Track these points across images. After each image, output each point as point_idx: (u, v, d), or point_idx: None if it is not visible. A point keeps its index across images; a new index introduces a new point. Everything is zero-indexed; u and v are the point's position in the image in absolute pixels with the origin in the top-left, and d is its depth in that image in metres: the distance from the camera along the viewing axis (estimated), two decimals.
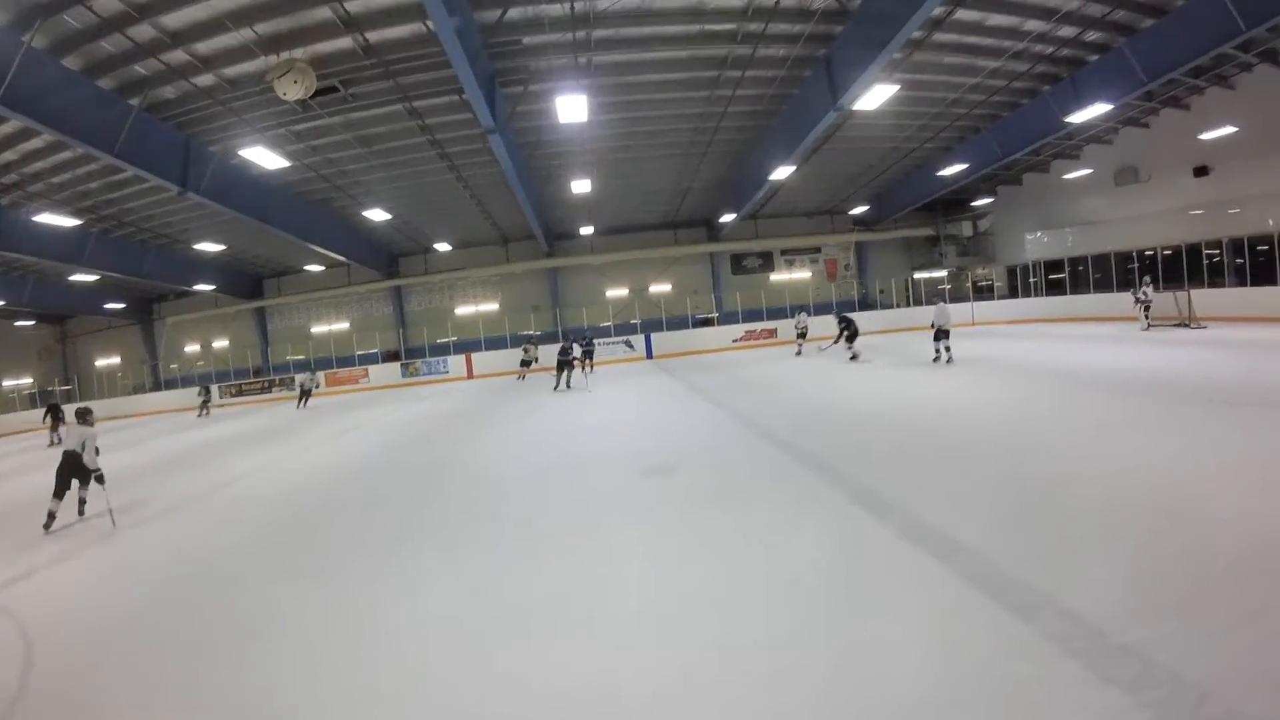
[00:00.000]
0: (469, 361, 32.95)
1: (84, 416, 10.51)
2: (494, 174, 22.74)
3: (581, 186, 23.15)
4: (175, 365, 39.35)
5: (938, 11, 15.46)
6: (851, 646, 4.45)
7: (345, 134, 19.23)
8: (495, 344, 34.52)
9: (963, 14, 16.58)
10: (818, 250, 40.10)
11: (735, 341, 33.00)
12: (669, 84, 18.78)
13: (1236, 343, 16.87)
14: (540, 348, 28.15)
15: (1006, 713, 3.68)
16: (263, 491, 11.10)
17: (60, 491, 9.85)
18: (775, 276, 39.61)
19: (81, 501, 10.21)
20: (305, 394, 26.90)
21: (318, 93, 15.25)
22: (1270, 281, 22.00)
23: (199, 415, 27.93)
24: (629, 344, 32.60)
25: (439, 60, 14.74)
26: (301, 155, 19.89)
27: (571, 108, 14.83)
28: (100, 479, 10.04)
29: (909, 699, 3.82)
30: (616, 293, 38.09)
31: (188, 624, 5.80)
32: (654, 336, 33.63)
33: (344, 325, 38.31)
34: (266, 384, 34.49)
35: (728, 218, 32.80)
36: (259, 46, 14.02)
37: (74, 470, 9.98)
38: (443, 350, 35.14)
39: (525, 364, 26.67)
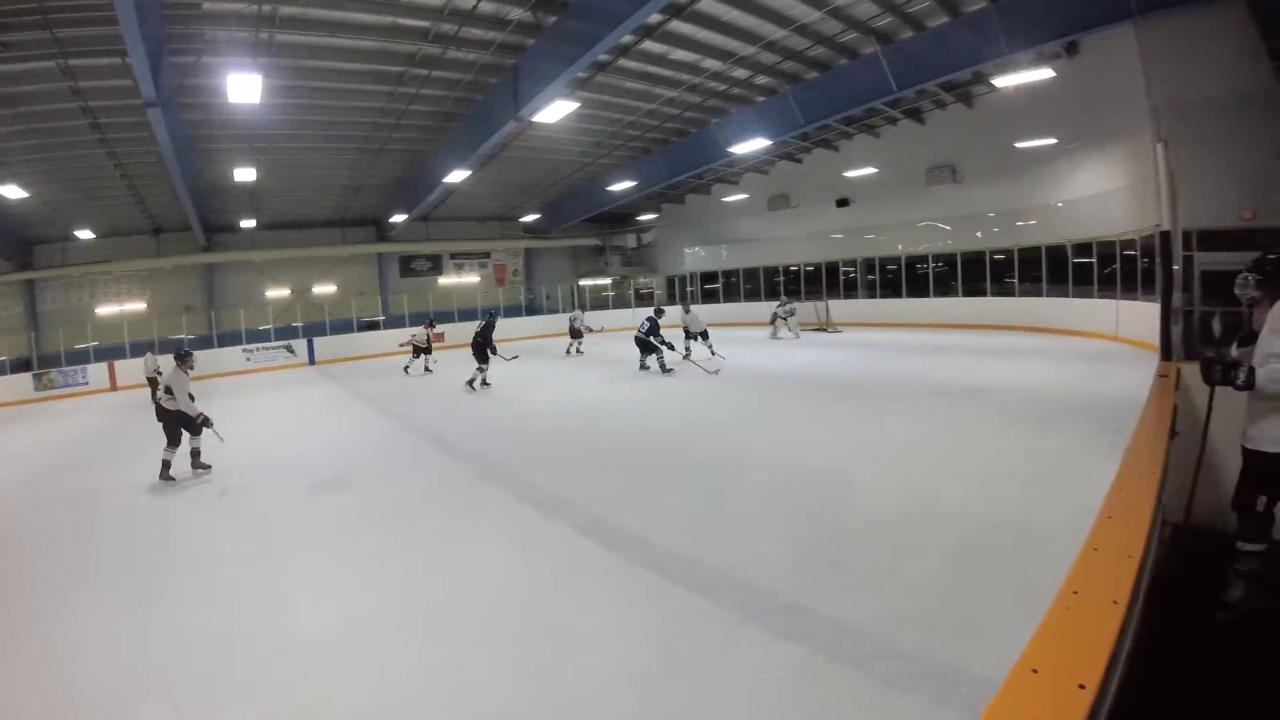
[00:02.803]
0: (112, 370, 27.95)
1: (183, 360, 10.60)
2: (151, 153, 20.35)
3: (246, 174, 21.72)
4: None
5: (626, 39, 16.38)
6: (542, 642, 4.70)
7: None
8: (141, 350, 27.30)
9: (649, 45, 17.79)
10: (487, 255, 40.50)
11: (402, 346, 32.13)
12: (352, 74, 18.16)
13: (865, 344, 19.59)
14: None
15: (698, 682, 4.10)
16: None
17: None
18: (444, 280, 39.40)
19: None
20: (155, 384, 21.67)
21: None
22: (896, 294, 26.80)
23: None
24: (290, 349, 30.84)
25: (106, 14, 13.15)
26: None
27: (244, 87, 13.86)
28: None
29: (603, 685, 4.15)
30: (278, 293, 35.44)
31: None
32: (317, 341, 31.70)
33: None
34: None
35: (399, 218, 32.26)
36: None
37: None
38: (82, 357, 28.85)
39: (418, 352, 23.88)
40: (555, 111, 17.23)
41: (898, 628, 4.48)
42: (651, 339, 17.56)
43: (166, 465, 10.48)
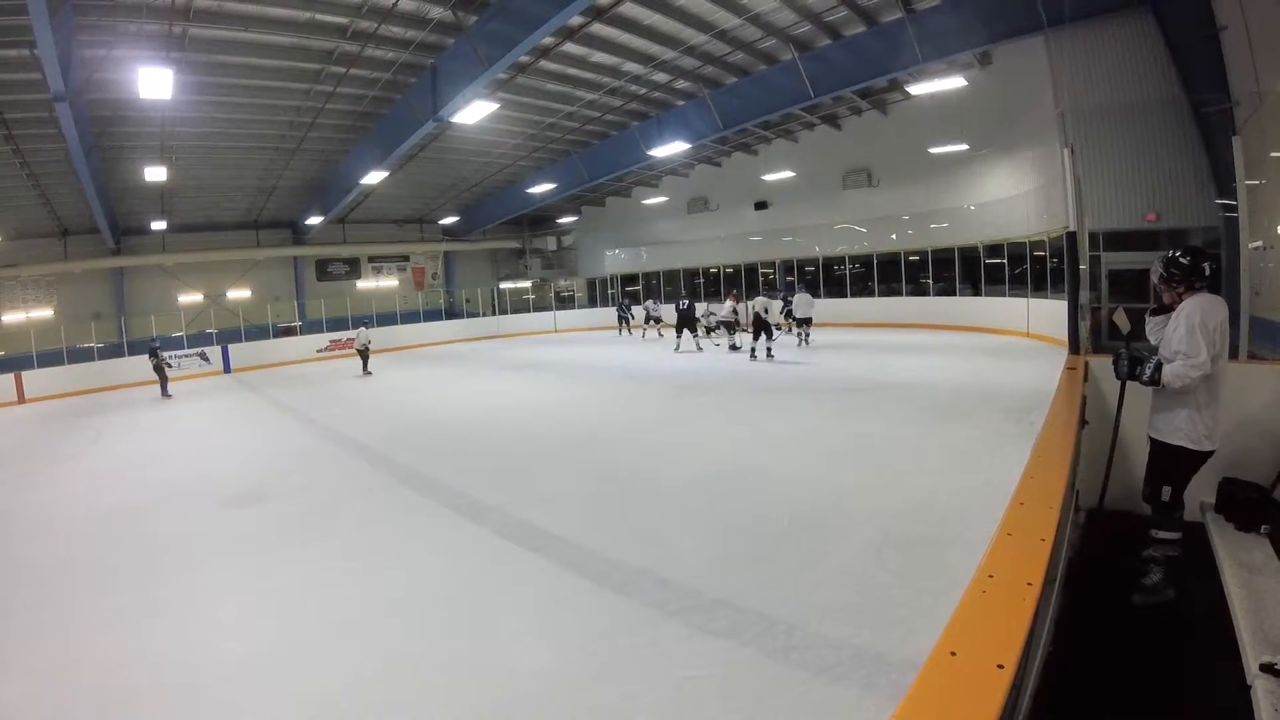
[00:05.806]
0: (19, 382, 24.95)
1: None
2: (58, 150, 19.50)
3: (157, 174, 20.87)
4: None
5: (547, 40, 16.37)
6: (469, 647, 4.66)
7: None
8: (50, 359, 26.68)
9: (570, 47, 17.76)
10: (406, 258, 39.75)
11: (320, 352, 31.37)
12: (267, 71, 17.67)
13: (783, 343, 19.98)
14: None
15: (628, 683, 4.09)
16: None
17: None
18: (362, 284, 38.35)
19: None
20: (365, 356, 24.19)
21: None
22: (814, 295, 26.50)
23: None
24: (204, 357, 29.65)
25: (13, 3, 12.53)
26: None
27: (156, 82, 13.21)
28: None
29: (531, 688, 4.11)
30: (190, 298, 33.64)
31: None
32: (231, 348, 30.08)
33: None
34: None
35: (315, 220, 31.33)
36: None
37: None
38: None
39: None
40: (474, 112, 17.10)
41: (823, 618, 4.54)
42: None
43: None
